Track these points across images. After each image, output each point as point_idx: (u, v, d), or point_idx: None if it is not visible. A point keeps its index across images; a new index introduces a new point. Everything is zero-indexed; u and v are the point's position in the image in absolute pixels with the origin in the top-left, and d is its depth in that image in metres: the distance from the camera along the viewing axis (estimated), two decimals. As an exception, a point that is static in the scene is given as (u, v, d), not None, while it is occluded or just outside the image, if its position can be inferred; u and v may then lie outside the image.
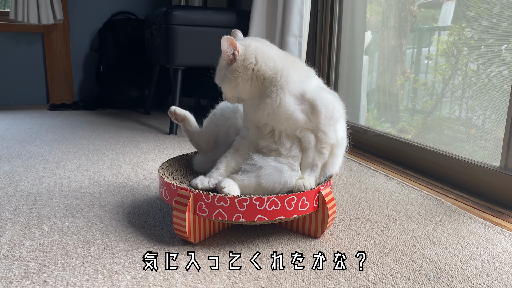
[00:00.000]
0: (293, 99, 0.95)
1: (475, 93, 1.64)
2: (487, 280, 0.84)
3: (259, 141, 1.02)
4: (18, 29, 2.90)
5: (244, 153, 1.02)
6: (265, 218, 0.91)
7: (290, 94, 0.95)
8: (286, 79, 0.95)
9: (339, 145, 1.02)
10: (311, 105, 0.95)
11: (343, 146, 1.05)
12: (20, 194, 1.24)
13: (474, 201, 1.30)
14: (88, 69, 3.16)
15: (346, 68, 2.22)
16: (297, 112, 0.95)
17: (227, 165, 1.01)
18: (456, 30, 1.71)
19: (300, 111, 0.95)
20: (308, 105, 0.95)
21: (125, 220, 1.08)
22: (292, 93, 0.95)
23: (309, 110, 0.95)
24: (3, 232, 0.99)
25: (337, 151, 1.03)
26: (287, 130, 0.98)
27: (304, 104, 0.95)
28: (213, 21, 2.15)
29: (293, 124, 0.96)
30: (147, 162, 1.62)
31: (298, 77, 0.97)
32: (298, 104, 0.95)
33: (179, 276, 0.82)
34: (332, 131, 0.98)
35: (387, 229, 1.07)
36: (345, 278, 0.83)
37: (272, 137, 1.00)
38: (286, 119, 0.95)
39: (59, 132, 2.13)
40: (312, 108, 0.95)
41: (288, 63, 0.98)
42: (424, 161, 1.60)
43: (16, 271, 0.83)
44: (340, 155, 1.05)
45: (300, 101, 0.96)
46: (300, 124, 0.96)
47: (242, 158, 1.02)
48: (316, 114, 0.95)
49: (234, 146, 1.03)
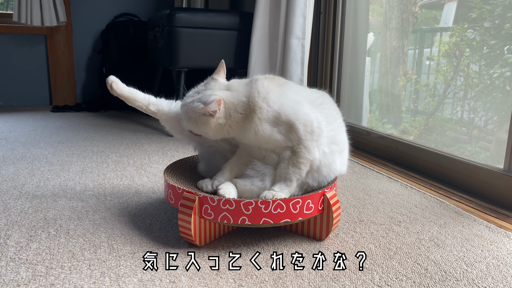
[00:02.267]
0: (269, 125, 0.97)
1: (477, 94, 1.64)
2: (492, 283, 0.84)
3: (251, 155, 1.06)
4: (21, 31, 2.91)
5: (246, 160, 1.06)
6: (270, 221, 0.91)
7: (265, 121, 0.97)
8: (258, 111, 0.97)
9: (322, 165, 1.00)
10: (288, 125, 0.97)
11: (331, 165, 1.02)
12: (26, 197, 1.25)
13: (478, 203, 1.30)
14: (91, 71, 3.16)
15: (349, 69, 2.22)
16: (275, 134, 0.98)
17: (231, 170, 1.06)
18: (458, 31, 1.71)
19: (278, 132, 0.98)
20: (285, 125, 0.97)
21: (131, 223, 1.08)
22: (266, 119, 0.97)
23: (287, 130, 0.97)
24: (10, 234, 1.00)
25: (322, 169, 1.01)
26: (272, 149, 1.01)
27: (281, 125, 0.97)
28: (216, 23, 2.15)
29: (274, 145, 0.99)
30: (151, 164, 1.63)
31: (267, 103, 0.98)
32: (275, 127, 0.98)
33: (186, 279, 0.83)
34: (315, 147, 0.97)
35: (392, 231, 1.07)
36: (350, 281, 0.83)
37: (260, 153, 1.04)
38: (267, 143, 0.99)
39: (63, 134, 2.14)
40: (290, 127, 0.97)
41: (255, 94, 0.99)
42: (428, 163, 1.60)
43: (23, 274, 0.83)
44: (325, 173, 1.02)
45: (276, 123, 0.97)
46: (281, 144, 0.99)
47: (244, 164, 1.06)
48: (294, 132, 0.96)
49: (237, 154, 1.08)
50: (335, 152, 1.02)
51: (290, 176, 0.98)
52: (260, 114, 0.97)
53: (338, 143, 1.04)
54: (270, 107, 0.97)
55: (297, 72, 1.96)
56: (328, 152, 1.01)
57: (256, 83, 1.01)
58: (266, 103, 0.98)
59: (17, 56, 2.96)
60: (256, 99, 0.98)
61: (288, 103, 0.98)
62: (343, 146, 1.06)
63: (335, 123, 1.05)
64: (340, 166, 1.05)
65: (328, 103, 1.07)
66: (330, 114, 1.04)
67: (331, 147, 1.01)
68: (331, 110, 1.06)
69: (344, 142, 1.07)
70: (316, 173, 1.01)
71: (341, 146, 1.05)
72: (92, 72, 3.17)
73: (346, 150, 1.09)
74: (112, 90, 1.16)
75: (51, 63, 3.01)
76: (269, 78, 1.03)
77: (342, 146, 1.06)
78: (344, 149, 1.07)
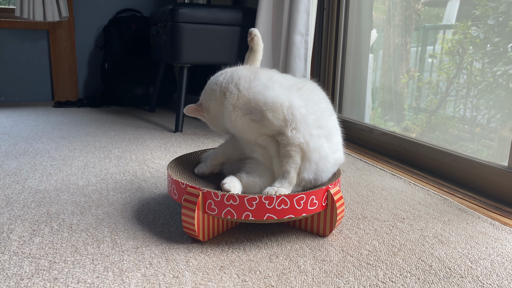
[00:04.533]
0: (241, 111, 0.97)
1: (480, 92, 1.63)
2: (497, 280, 0.84)
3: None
4: (23, 26, 2.90)
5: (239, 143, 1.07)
6: (274, 217, 0.91)
7: (238, 108, 0.97)
8: (228, 96, 0.99)
9: (311, 149, 0.95)
10: (259, 111, 0.96)
11: (321, 149, 0.97)
12: (28, 191, 1.24)
13: (482, 200, 1.30)
14: (93, 66, 3.16)
15: (352, 66, 2.22)
16: (248, 122, 0.97)
17: (224, 151, 1.09)
18: (461, 28, 1.70)
19: (251, 120, 0.97)
20: (257, 112, 0.96)
21: (134, 218, 1.08)
22: (238, 106, 0.97)
23: (259, 117, 0.96)
24: (13, 229, 1.00)
25: (311, 155, 0.96)
26: (252, 139, 1.00)
27: (253, 113, 0.96)
28: (219, 19, 2.14)
29: (253, 134, 0.98)
30: (154, 160, 1.62)
31: (238, 88, 0.98)
32: (248, 114, 0.97)
33: (189, 274, 0.82)
34: (291, 131, 0.94)
35: (396, 228, 1.07)
36: (354, 277, 0.83)
37: (248, 147, 1.04)
38: (242, 131, 0.99)
39: (65, 129, 2.14)
40: (261, 114, 0.95)
41: (228, 78, 1.01)
42: (431, 160, 1.60)
43: (26, 268, 0.83)
44: (316, 160, 0.97)
45: (249, 110, 0.97)
46: (259, 131, 0.98)
47: (239, 147, 1.07)
48: (266, 118, 0.95)
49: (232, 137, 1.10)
50: (320, 136, 0.97)
51: (285, 167, 0.95)
52: (231, 99, 0.98)
53: (322, 127, 0.98)
54: (240, 92, 0.97)
55: (300, 69, 1.96)
56: (316, 135, 0.96)
57: (232, 71, 1.03)
58: (236, 88, 0.98)
59: (19, 51, 2.95)
60: (228, 85, 0.99)
61: (257, 87, 0.97)
62: (329, 130, 1.00)
63: (318, 107, 1.00)
64: (330, 151, 1.00)
65: (309, 88, 1.02)
66: (311, 98, 1.00)
67: (315, 130, 0.97)
68: (312, 95, 1.01)
69: (331, 127, 1.01)
70: (308, 163, 0.96)
71: (327, 130, 0.99)
72: (94, 68, 3.16)
73: (336, 135, 1.04)
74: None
75: (53, 58, 3.01)
76: (245, 67, 1.05)
77: (328, 131, 1.00)
78: (332, 134, 1.01)
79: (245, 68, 1.04)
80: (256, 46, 1.12)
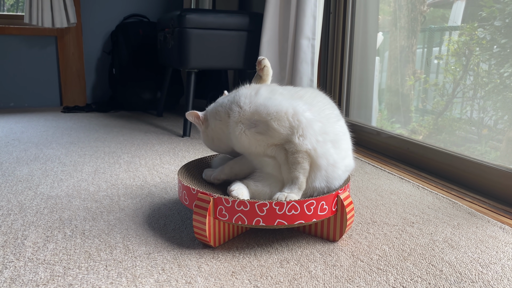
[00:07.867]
0: (246, 127, 0.99)
1: (487, 93, 1.63)
2: (508, 284, 0.84)
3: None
4: (32, 32, 2.94)
5: (247, 161, 1.08)
6: (284, 223, 0.92)
7: (241, 124, 0.99)
8: (231, 115, 1.02)
9: (318, 155, 0.95)
10: (263, 123, 0.97)
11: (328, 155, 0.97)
12: (41, 197, 1.26)
13: (492, 204, 1.30)
14: (101, 71, 3.19)
15: (359, 69, 2.22)
16: (254, 135, 0.98)
17: (232, 167, 1.09)
18: (467, 30, 1.70)
19: (257, 133, 0.98)
20: (262, 124, 0.97)
21: (145, 223, 1.09)
22: (242, 122, 0.99)
23: (265, 128, 0.97)
24: (27, 235, 1.01)
25: (319, 161, 0.96)
26: (261, 152, 1.00)
27: (258, 125, 0.98)
28: (226, 24, 2.16)
29: (262, 147, 0.99)
30: (163, 165, 1.64)
31: (239, 106, 1.00)
32: (253, 127, 0.98)
33: (201, 279, 0.83)
34: (299, 138, 0.94)
35: (405, 232, 1.07)
36: (365, 282, 0.84)
37: (258, 162, 1.04)
38: (249, 146, 1.00)
39: (74, 134, 2.16)
40: (266, 125, 0.96)
41: (231, 99, 1.03)
42: (439, 163, 1.60)
43: (42, 274, 0.84)
44: (325, 166, 0.97)
45: (253, 124, 0.98)
46: (266, 143, 0.98)
47: (246, 165, 1.07)
48: (271, 128, 0.96)
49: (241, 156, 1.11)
50: (326, 141, 0.97)
51: (294, 173, 0.96)
52: (234, 117, 1.00)
53: (328, 133, 0.98)
54: (242, 109, 0.99)
55: (307, 73, 1.96)
56: (322, 141, 0.96)
57: (235, 91, 1.06)
58: (238, 106, 1.00)
59: (28, 57, 2.99)
60: (231, 105, 1.02)
61: (258, 100, 0.99)
62: (335, 136, 0.99)
63: (323, 113, 1.00)
64: (339, 158, 0.99)
65: (311, 96, 1.03)
66: (314, 105, 1.00)
67: (321, 136, 0.97)
68: (315, 102, 1.02)
69: (338, 133, 1.01)
70: (318, 171, 0.96)
71: (333, 136, 0.98)
72: (102, 73, 3.19)
73: (345, 141, 1.03)
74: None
75: (62, 64, 3.04)
76: (247, 86, 1.06)
77: (334, 136, 0.99)
78: (340, 140, 1.00)
79: (246, 87, 1.06)
80: (266, 76, 1.15)
